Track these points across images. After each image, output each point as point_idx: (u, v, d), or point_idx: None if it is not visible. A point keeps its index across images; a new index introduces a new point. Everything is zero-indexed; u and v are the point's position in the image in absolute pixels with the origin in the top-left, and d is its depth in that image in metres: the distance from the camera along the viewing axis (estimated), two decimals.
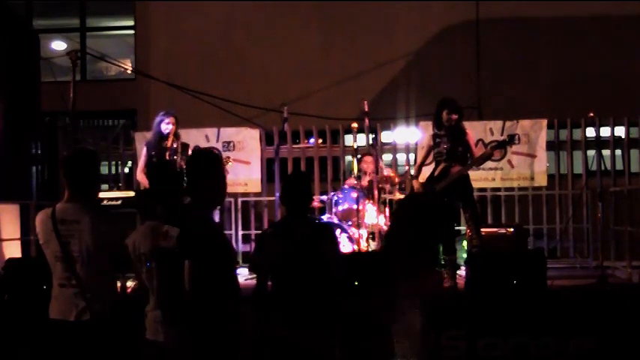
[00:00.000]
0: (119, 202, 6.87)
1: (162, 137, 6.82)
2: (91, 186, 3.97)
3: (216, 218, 7.09)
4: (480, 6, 12.14)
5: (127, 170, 10.38)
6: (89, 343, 3.71)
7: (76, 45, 13.74)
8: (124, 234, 3.93)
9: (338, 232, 7.49)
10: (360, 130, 7.98)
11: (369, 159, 8.06)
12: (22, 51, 8.69)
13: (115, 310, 3.88)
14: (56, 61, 11.71)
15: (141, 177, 6.94)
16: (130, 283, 6.05)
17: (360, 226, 7.31)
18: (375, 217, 7.61)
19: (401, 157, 9.52)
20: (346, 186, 8.13)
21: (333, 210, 7.93)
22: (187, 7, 12.99)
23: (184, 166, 6.93)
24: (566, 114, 9.48)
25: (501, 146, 6.77)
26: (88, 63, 14.72)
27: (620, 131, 9.43)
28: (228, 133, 9.19)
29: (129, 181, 9.82)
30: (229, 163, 6.63)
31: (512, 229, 7.53)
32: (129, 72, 14.07)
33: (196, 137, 8.90)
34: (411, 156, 9.31)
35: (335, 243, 3.98)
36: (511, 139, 6.58)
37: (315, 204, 8.02)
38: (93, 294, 3.74)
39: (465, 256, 7.15)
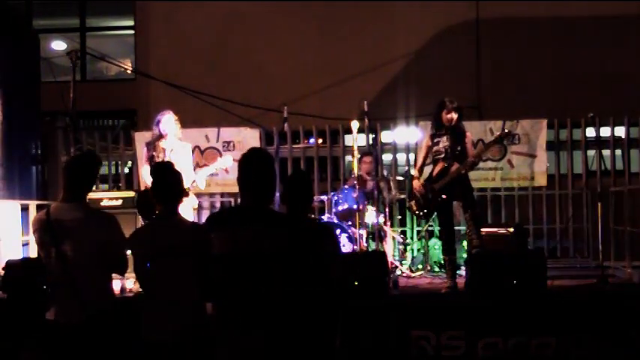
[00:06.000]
0: (119, 202, 6.88)
1: (161, 137, 6.80)
2: (89, 188, 3.97)
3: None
4: (479, 6, 12.14)
5: (126, 170, 10.37)
6: (83, 345, 3.69)
7: (76, 45, 13.74)
8: (121, 234, 3.92)
9: (338, 232, 7.50)
10: (360, 130, 7.97)
11: (367, 159, 8.06)
12: (22, 51, 8.68)
13: (112, 310, 3.87)
14: (56, 61, 11.72)
15: (144, 176, 6.92)
16: (129, 284, 6.08)
17: (360, 226, 7.31)
18: (375, 217, 7.62)
19: (401, 157, 9.51)
20: (346, 186, 8.13)
21: (333, 210, 7.92)
22: (187, 7, 12.98)
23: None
24: (566, 114, 9.47)
25: (498, 142, 6.68)
26: (88, 63, 14.73)
27: (620, 131, 9.42)
28: (228, 133, 9.19)
29: (129, 181, 9.82)
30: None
31: (512, 229, 7.52)
32: (129, 72, 14.08)
33: (196, 137, 8.89)
34: (411, 156, 9.30)
35: (335, 243, 3.97)
36: (506, 136, 6.53)
37: (315, 204, 8.00)
38: (88, 294, 3.72)
39: (465, 256, 7.15)
